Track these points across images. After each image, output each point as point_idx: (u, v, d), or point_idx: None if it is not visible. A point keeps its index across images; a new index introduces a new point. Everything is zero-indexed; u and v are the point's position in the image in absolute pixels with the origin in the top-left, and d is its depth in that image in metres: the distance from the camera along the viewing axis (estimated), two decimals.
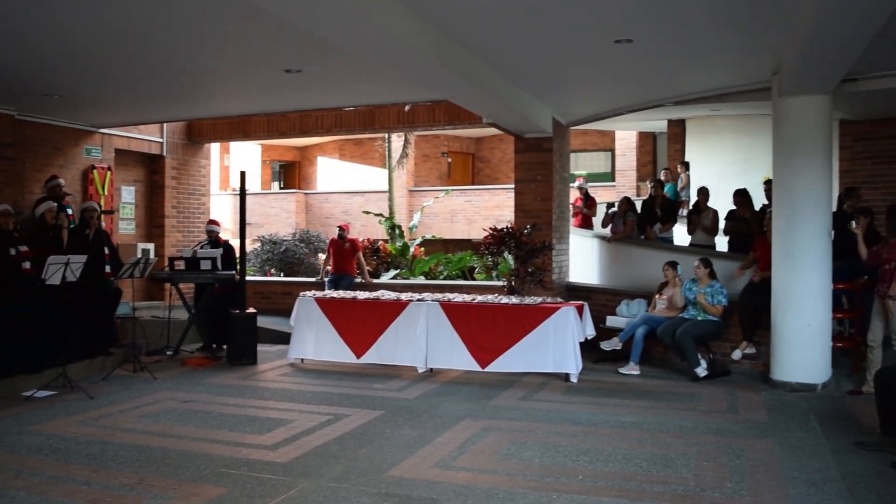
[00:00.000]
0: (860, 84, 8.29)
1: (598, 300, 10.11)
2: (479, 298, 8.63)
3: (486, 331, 8.21)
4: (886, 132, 10.20)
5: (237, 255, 10.21)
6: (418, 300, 8.64)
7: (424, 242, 17.60)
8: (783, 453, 5.57)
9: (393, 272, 15.15)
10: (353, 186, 23.96)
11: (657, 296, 8.99)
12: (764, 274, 8.24)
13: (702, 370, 8.12)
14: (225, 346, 9.69)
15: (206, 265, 9.71)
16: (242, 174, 9.70)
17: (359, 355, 8.76)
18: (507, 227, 9.27)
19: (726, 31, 6.76)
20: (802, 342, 7.72)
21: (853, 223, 7.59)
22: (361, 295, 9.25)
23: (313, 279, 13.13)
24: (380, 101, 10.82)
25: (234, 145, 23.33)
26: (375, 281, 12.99)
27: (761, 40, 7.02)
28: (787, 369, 7.81)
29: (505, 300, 8.49)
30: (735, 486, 4.83)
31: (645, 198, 12.44)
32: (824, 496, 4.67)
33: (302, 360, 9.22)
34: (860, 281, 8.15)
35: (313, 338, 9.05)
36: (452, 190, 21.31)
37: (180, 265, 9.80)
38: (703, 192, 11.22)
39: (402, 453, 5.51)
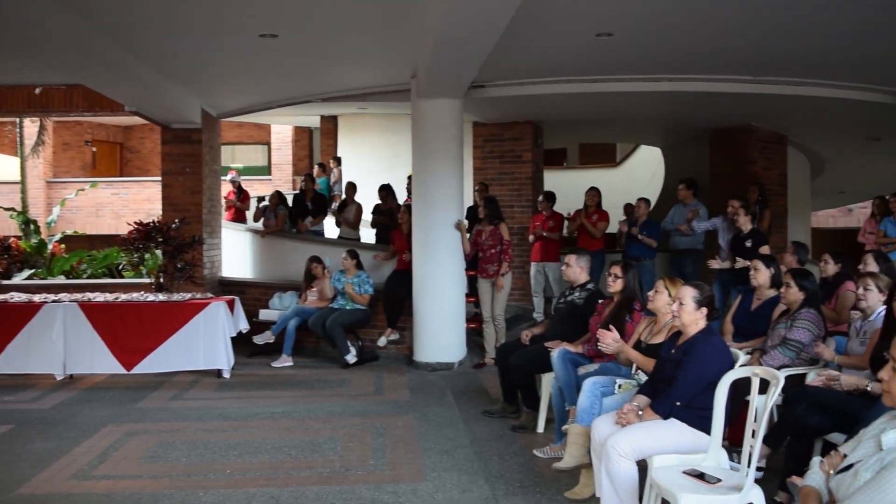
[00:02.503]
0: (487, 91, 9.19)
1: (251, 294, 10.08)
2: (124, 297, 8.14)
3: (131, 331, 7.74)
4: (510, 134, 11.34)
5: None
6: (54, 301, 7.91)
7: (65, 239, 16.09)
8: (421, 427, 6.01)
9: (28, 272, 13.67)
10: None
11: (308, 288, 9.19)
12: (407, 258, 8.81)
13: (351, 357, 8.47)
14: None
15: None
16: None
17: None
18: (153, 222, 8.84)
19: (366, 35, 7.10)
20: (440, 325, 8.40)
21: (464, 221, 8.46)
22: None
23: None
24: (6, 82, 9.72)
25: None
26: (6, 282, 11.63)
27: (399, 45, 7.47)
28: (427, 351, 8.44)
29: (151, 298, 8.11)
30: (377, 463, 5.13)
31: (297, 192, 12.65)
32: (455, 461, 5.15)
33: None
34: None
35: None
36: (98, 182, 19.75)
37: None
38: (351, 187, 11.68)
39: (33, 468, 5.05)
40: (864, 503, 2.14)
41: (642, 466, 3.77)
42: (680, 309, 4.00)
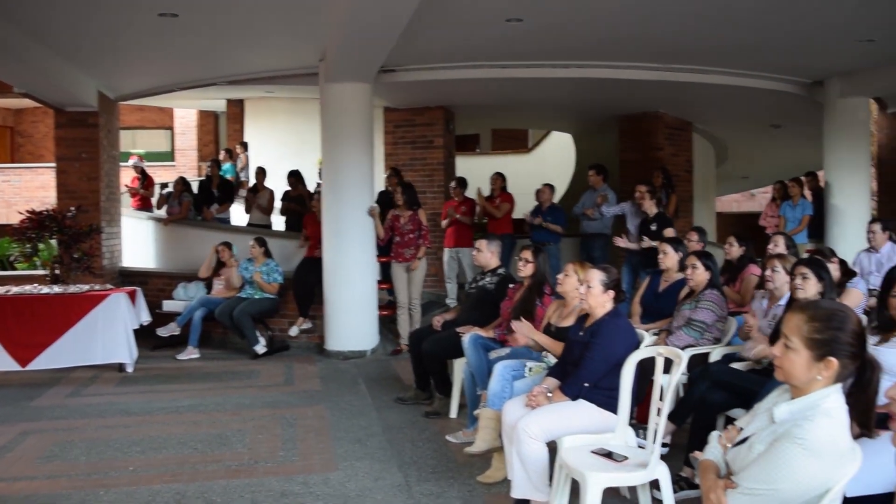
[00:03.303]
0: (398, 75, 9.10)
1: (155, 284, 9.74)
2: (16, 290, 7.73)
3: (26, 325, 7.31)
4: (422, 120, 11.25)
5: None
6: None
7: None
8: (333, 417, 5.93)
9: None
10: None
11: (214, 277, 8.94)
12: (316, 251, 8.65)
13: (261, 347, 8.30)
14: None
15: None
16: None
17: None
18: (47, 210, 8.43)
19: (272, 16, 6.90)
20: (352, 313, 8.31)
21: (376, 207, 8.41)
22: None
23: None
24: None
25: None
26: None
27: (307, 27, 7.28)
28: (339, 339, 8.34)
29: (46, 290, 7.72)
30: (287, 454, 5.03)
31: (203, 178, 12.30)
32: (367, 450, 5.09)
33: None
34: None
35: None
36: None
37: None
38: (261, 173, 11.42)
39: None
40: (757, 474, 2.20)
41: (553, 448, 3.79)
42: (588, 292, 4.03)
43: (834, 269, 5.30)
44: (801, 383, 2.28)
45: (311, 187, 11.16)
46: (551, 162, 15.62)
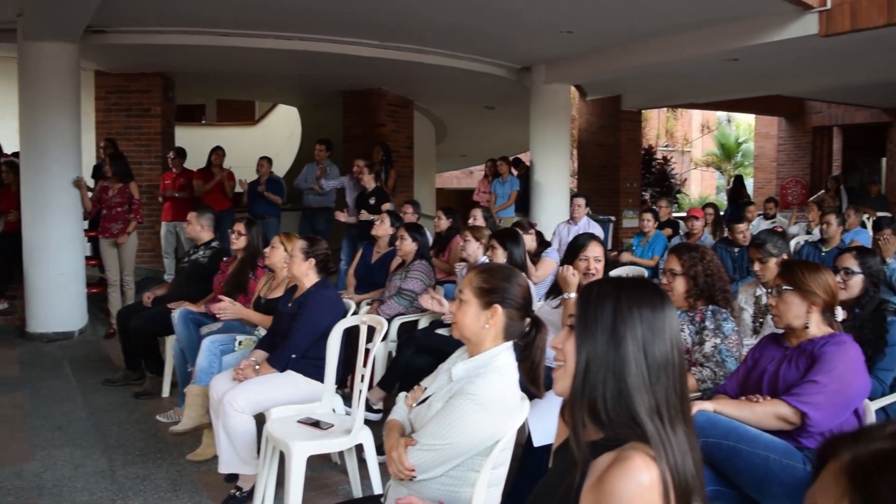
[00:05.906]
0: (109, 37, 8.53)
1: None
2: None
3: None
4: (138, 86, 10.55)
5: None
6: None
7: None
8: (32, 404, 5.52)
9: None
10: None
11: None
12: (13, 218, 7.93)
13: None
14: None
15: None
16: None
17: None
18: None
19: None
20: (57, 292, 7.73)
21: (82, 178, 7.89)
22: None
23: None
24: None
25: None
26: None
27: None
28: (42, 320, 7.72)
29: None
30: None
31: None
32: (69, 436, 4.81)
33: None
34: None
35: None
36: None
37: None
38: None
39: None
40: (434, 430, 2.34)
41: (262, 420, 3.81)
42: (290, 261, 4.09)
43: (530, 240, 5.84)
44: (473, 334, 2.43)
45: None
46: (278, 135, 15.46)
